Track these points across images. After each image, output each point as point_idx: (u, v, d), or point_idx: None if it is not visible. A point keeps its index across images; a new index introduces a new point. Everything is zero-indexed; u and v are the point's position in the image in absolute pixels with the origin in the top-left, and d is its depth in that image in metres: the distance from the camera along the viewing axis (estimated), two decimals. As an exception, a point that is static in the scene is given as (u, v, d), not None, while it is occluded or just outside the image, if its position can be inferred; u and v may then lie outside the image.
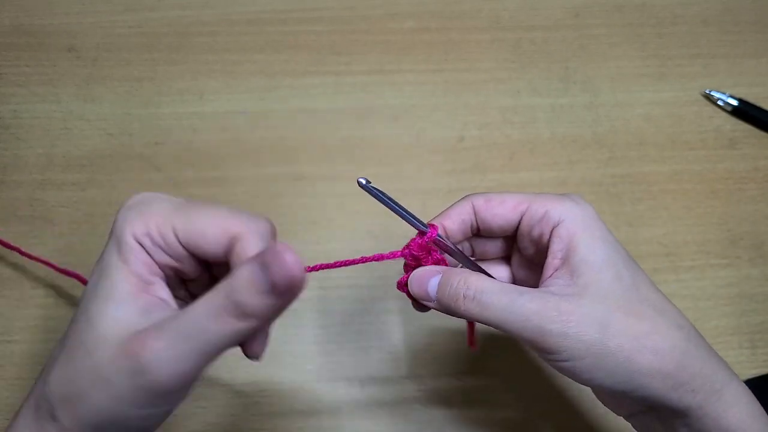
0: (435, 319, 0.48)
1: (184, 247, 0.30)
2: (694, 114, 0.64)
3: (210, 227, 0.29)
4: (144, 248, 0.30)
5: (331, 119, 0.62)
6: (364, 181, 0.34)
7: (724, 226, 0.59)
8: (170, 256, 0.30)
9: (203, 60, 0.64)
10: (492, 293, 0.33)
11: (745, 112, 0.63)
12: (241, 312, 0.26)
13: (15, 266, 0.55)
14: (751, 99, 0.64)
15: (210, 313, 0.27)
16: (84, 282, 0.38)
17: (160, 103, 0.62)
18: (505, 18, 0.68)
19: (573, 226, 0.34)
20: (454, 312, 0.34)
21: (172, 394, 0.28)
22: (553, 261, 0.35)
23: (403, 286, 0.38)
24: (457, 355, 0.53)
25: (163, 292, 0.30)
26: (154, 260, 0.30)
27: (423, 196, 0.59)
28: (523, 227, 0.37)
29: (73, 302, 0.54)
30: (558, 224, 0.35)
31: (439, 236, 0.37)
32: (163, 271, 0.31)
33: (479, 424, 0.51)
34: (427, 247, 0.37)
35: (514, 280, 0.42)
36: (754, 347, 0.55)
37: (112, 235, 0.30)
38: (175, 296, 0.32)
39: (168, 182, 0.59)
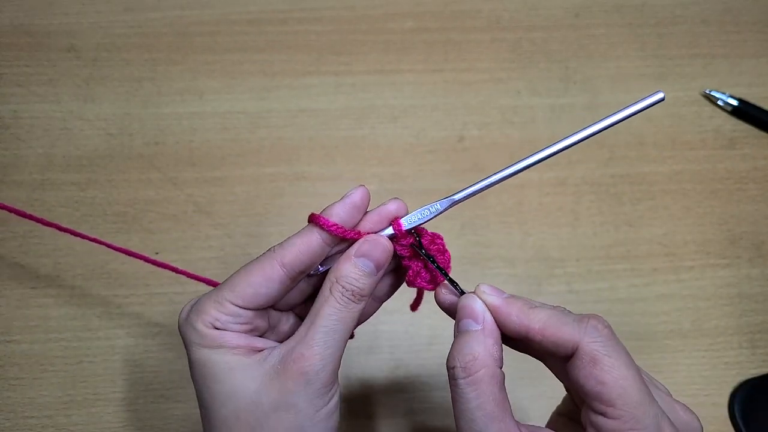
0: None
1: (245, 307, 0.33)
2: (694, 114, 0.64)
3: (254, 277, 0.33)
4: (220, 328, 0.33)
5: (331, 119, 0.62)
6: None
7: (724, 226, 0.59)
8: (243, 323, 0.34)
9: (203, 60, 0.64)
10: (474, 399, 0.31)
11: (745, 112, 0.63)
12: (359, 295, 0.33)
13: (15, 266, 0.55)
14: (751, 99, 0.64)
15: (339, 307, 0.33)
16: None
17: (160, 103, 0.62)
18: (505, 18, 0.68)
19: None
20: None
21: (333, 383, 0.33)
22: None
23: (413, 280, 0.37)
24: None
25: (260, 342, 0.34)
26: (234, 331, 0.34)
27: (423, 196, 0.59)
28: (589, 414, 0.32)
29: (73, 303, 0.54)
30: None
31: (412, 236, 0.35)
32: (247, 333, 0.34)
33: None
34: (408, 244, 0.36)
35: None
36: (754, 347, 0.55)
37: (188, 345, 0.34)
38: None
39: (168, 182, 0.59)
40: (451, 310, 0.35)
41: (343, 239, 0.34)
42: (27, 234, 0.56)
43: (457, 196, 0.35)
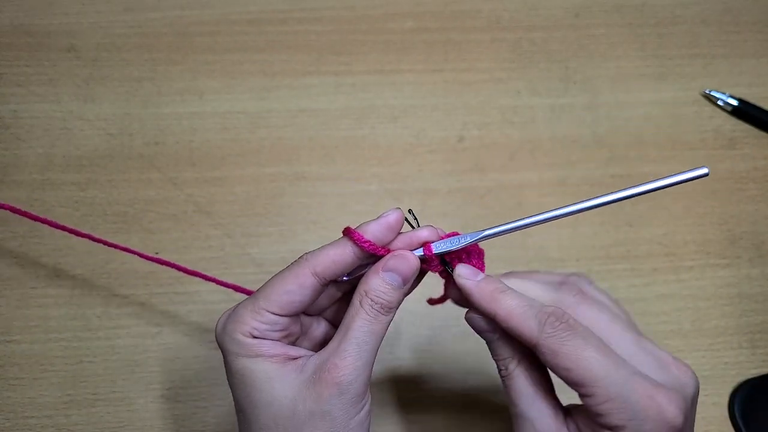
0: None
1: (281, 314, 0.35)
2: (694, 114, 0.64)
3: (288, 285, 0.35)
4: (258, 337, 0.35)
5: (331, 119, 0.62)
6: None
7: (724, 226, 0.59)
8: (279, 330, 0.35)
9: (203, 60, 0.64)
10: (516, 389, 0.36)
11: (745, 112, 0.63)
12: (387, 308, 0.35)
13: (15, 266, 0.55)
14: (751, 99, 0.64)
15: (369, 319, 0.34)
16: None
17: (160, 103, 0.62)
18: (505, 18, 0.68)
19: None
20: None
21: (365, 393, 0.35)
22: (580, 425, 0.34)
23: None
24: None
25: (295, 350, 0.36)
26: (270, 339, 0.35)
27: (423, 196, 0.59)
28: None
29: (73, 303, 0.54)
30: (608, 428, 0.33)
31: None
32: (281, 339, 0.36)
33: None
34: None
35: None
36: (754, 347, 0.55)
37: (227, 354, 0.35)
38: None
39: (168, 182, 0.59)
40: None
41: (374, 255, 0.36)
42: (27, 234, 0.56)
43: (487, 232, 0.36)
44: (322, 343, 0.40)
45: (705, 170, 0.33)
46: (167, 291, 0.55)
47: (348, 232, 0.36)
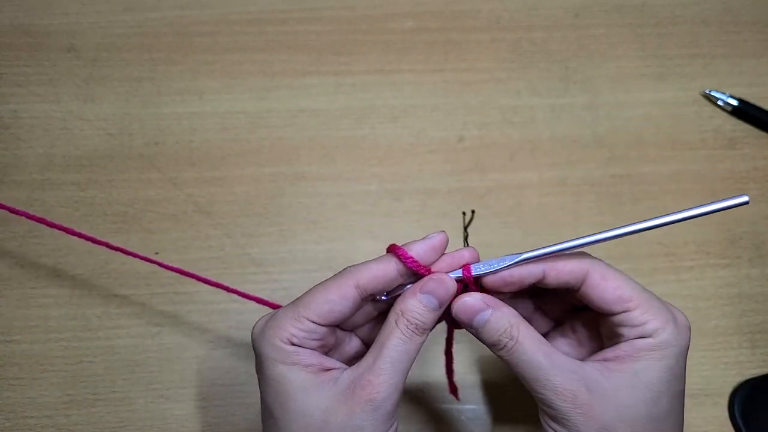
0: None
1: (321, 324, 0.35)
2: (694, 114, 0.64)
3: (331, 295, 0.35)
4: (297, 345, 0.35)
5: (331, 119, 0.62)
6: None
7: (724, 226, 0.59)
8: (316, 339, 0.36)
9: (203, 60, 0.64)
10: (530, 349, 0.35)
11: (745, 112, 0.63)
12: (422, 329, 0.36)
13: (15, 266, 0.55)
14: (751, 99, 0.64)
15: (404, 338, 0.35)
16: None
17: (160, 103, 0.62)
18: (505, 18, 0.68)
19: (661, 350, 0.35)
20: (489, 347, 0.37)
21: (396, 411, 0.35)
22: (614, 353, 0.36)
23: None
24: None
25: (329, 361, 0.37)
26: (308, 348, 0.36)
27: (423, 196, 0.59)
28: (615, 319, 0.36)
29: (73, 303, 0.54)
30: (649, 336, 0.35)
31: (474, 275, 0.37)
32: (317, 349, 0.36)
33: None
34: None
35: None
36: (754, 347, 0.55)
37: (264, 359, 0.35)
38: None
39: (168, 182, 0.59)
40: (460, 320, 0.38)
41: (415, 273, 0.37)
42: (27, 234, 0.56)
43: (525, 255, 0.37)
44: (353, 358, 0.40)
45: (745, 198, 0.37)
46: (167, 291, 0.55)
47: (393, 249, 0.36)
